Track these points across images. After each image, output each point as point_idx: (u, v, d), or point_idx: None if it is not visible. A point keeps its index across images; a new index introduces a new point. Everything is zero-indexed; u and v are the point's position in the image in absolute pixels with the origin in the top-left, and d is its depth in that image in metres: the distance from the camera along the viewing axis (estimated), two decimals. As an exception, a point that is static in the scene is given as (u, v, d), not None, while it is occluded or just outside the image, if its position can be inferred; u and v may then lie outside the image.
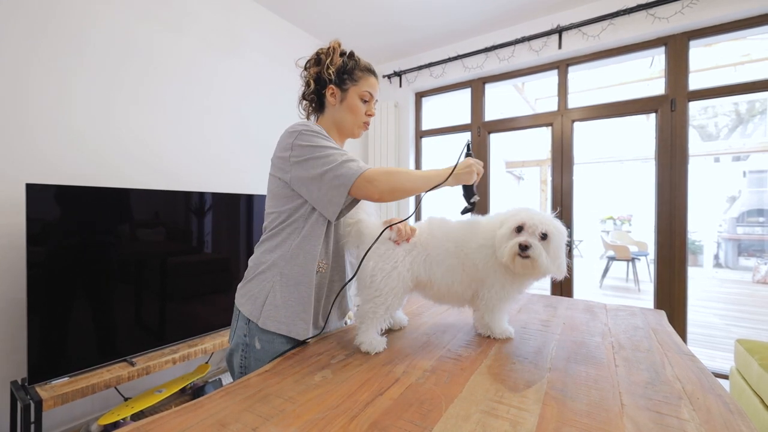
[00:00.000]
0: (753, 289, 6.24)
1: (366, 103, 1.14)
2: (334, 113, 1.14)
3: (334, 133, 1.17)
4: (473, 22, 3.09)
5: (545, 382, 0.78)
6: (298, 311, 1.01)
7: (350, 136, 1.19)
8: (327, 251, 1.06)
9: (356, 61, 1.14)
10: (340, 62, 1.12)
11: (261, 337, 1.00)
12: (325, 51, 1.13)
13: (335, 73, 1.11)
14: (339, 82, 1.12)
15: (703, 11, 2.41)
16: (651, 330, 1.14)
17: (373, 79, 1.14)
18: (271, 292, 1.01)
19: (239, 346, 1.03)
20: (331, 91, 1.12)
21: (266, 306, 1.00)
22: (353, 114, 1.13)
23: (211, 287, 2.28)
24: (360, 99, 1.12)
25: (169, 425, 0.63)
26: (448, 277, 1.03)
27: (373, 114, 1.17)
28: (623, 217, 9.77)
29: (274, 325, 0.99)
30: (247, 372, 1.02)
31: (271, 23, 2.96)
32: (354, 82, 1.11)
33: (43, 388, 1.53)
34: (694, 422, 0.63)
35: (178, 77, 2.32)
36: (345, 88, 1.12)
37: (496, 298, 1.00)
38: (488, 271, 1.00)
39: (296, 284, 1.01)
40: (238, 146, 2.68)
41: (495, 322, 1.05)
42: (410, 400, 0.71)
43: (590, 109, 2.92)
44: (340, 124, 1.15)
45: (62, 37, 1.85)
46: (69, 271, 1.67)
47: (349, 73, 1.12)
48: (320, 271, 1.05)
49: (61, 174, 1.83)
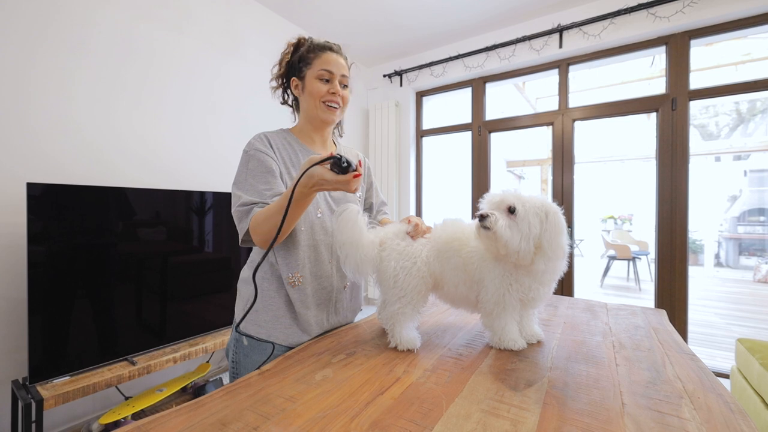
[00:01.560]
0: (754, 289, 6.24)
1: (328, 83, 1.05)
2: (303, 106, 1.11)
3: (308, 126, 1.12)
4: (474, 22, 3.08)
5: (546, 382, 0.78)
6: (278, 316, 1.03)
7: (322, 124, 1.10)
8: (298, 263, 1.02)
9: (309, 44, 1.06)
10: (293, 57, 1.08)
11: (247, 336, 1.04)
12: (282, 59, 1.11)
13: (290, 66, 1.09)
14: (296, 72, 1.08)
15: (704, 10, 2.40)
16: (652, 329, 1.14)
17: (330, 55, 1.04)
18: (252, 298, 1.01)
19: (232, 341, 1.07)
20: (294, 83, 1.09)
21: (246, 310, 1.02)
22: (313, 98, 1.05)
23: (211, 286, 2.28)
24: (318, 80, 1.04)
25: (170, 424, 0.63)
26: (454, 276, 1.00)
27: (340, 93, 1.06)
28: (624, 216, 9.76)
29: (254, 329, 1.03)
30: (237, 366, 1.05)
31: (273, 23, 2.95)
32: (308, 65, 1.05)
33: (44, 387, 1.54)
34: (695, 421, 0.63)
35: (179, 77, 2.32)
36: (302, 76, 1.07)
37: (493, 302, 0.94)
38: (483, 272, 0.96)
39: (272, 296, 1.04)
40: (239, 146, 2.68)
41: (493, 328, 0.97)
42: (411, 399, 0.71)
43: (591, 108, 2.92)
44: (308, 113, 1.09)
45: (64, 37, 1.85)
46: (70, 270, 1.67)
47: (303, 60, 1.06)
48: (296, 285, 1.03)
49: (62, 173, 1.83)
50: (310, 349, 0.98)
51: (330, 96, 1.06)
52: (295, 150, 1.08)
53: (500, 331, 0.97)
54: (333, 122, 1.12)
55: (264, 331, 1.02)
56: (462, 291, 1.00)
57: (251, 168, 0.99)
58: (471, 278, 0.98)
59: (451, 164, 5.14)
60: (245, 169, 0.99)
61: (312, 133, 1.13)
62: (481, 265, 0.96)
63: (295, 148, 1.09)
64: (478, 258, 0.96)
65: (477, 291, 0.98)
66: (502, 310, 0.95)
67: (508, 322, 0.97)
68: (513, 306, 0.94)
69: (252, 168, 0.99)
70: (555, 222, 0.88)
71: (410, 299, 0.97)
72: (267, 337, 1.02)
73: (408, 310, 0.98)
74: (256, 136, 1.05)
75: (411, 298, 0.98)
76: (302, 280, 1.03)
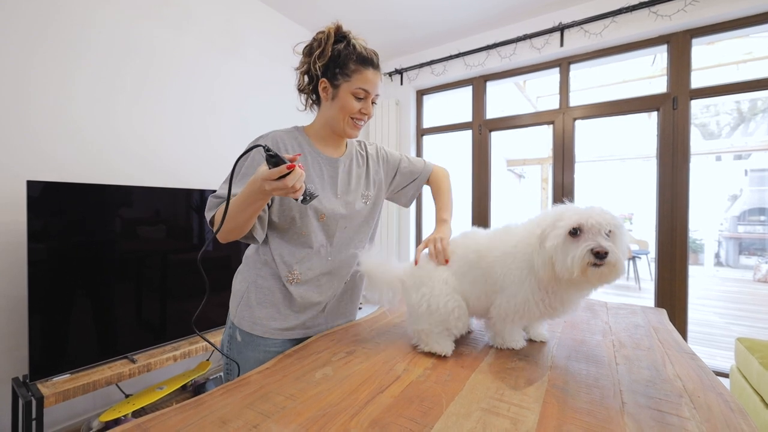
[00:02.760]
0: (754, 288, 6.24)
1: (361, 101, 1.01)
2: (326, 110, 1.05)
3: (327, 131, 1.08)
4: (475, 20, 3.08)
5: (546, 380, 0.78)
6: (273, 313, 1.03)
7: (343, 136, 1.08)
8: (296, 263, 1.03)
9: (351, 49, 0.99)
10: (333, 52, 0.99)
11: (241, 332, 1.04)
12: (318, 39, 1.01)
13: (325, 66, 1.00)
14: (331, 76, 1.00)
15: (706, 9, 2.40)
16: (652, 328, 1.14)
17: (370, 73, 1.00)
18: (246, 293, 1.05)
19: (226, 338, 1.09)
20: (323, 85, 1.02)
21: (240, 306, 1.05)
22: (343, 113, 1.02)
23: (212, 284, 2.27)
24: (353, 96, 1.00)
25: (170, 422, 0.63)
26: (475, 289, 0.95)
27: (369, 113, 1.05)
28: (624, 215, 9.75)
29: (248, 325, 1.03)
30: (230, 363, 1.06)
31: (273, 21, 2.95)
32: (346, 78, 0.99)
33: (44, 384, 1.54)
34: (694, 420, 0.63)
35: (179, 75, 2.32)
36: (336, 83, 1.00)
37: (513, 310, 0.88)
38: (508, 281, 0.89)
39: (266, 293, 1.04)
40: (239, 144, 2.67)
41: (504, 331, 0.95)
42: (411, 397, 0.71)
43: (592, 107, 2.91)
44: (331, 122, 1.05)
45: (64, 35, 1.84)
46: (70, 268, 1.67)
47: (342, 66, 0.99)
48: (293, 282, 1.03)
49: (62, 171, 1.83)
50: (309, 347, 0.98)
51: (360, 114, 1.03)
52: (305, 153, 1.05)
53: (508, 335, 0.96)
54: (355, 137, 1.10)
55: (259, 328, 1.02)
56: (483, 302, 0.96)
57: (246, 166, 0.98)
58: (492, 288, 0.93)
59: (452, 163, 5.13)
60: (243, 164, 0.97)
61: (328, 137, 1.09)
62: (507, 274, 0.89)
63: (305, 150, 1.05)
64: (501, 266, 0.90)
65: (493, 300, 0.94)
66: (520, 318, 0.90)
67: (518, 328, 0.96)
68: (534, 315, 0.88)
69: (247, 166, 0.98)
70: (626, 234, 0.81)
71: (440, 322, 0.92)
72: (262, 334, 1.02)
73: (437, 330, 0.92)
74: (267, 135, 1.03)
75: (441, 321, 0.92)
76: (300, 278, 1.04)
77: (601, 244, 0.74)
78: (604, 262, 0.74)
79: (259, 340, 1.02)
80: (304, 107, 1.11)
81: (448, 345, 0.92)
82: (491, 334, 0.99)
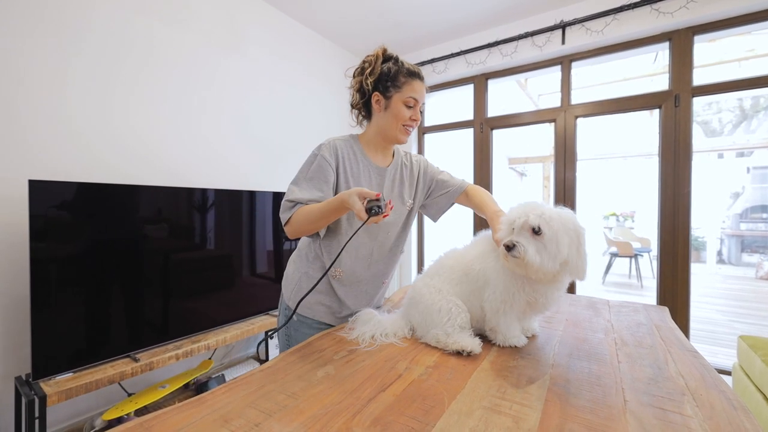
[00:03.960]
0: (756, 286, 6.22)
1: (411, 109, 1.14)
2: (379, 120, 1.18)
3: (378, 139, 1.20)
4: (476, 18, 3.07)
5: (548, 379, 0.78)
6: (320, 300, 1.18)
7: (395, 142, 1.21)
8: (340, 260, 1.14)
9: (399, 66, 1.13)
10: (383, 70, 1.13)
11: (296, 313, 1.18)
12: (369, 59, 1.16)
13: (377, 81, 1.14)
14: (383, 89, 1.14)
15: (708, 6, 2.38)
16: (654, 326, 1.14)
17: (418, 84, 1.14)
18: (300, 281, 1.19)
19: (282, 318, 1.24)
20: (376, 98, 1.15)
21: (295, 291, 1.19)
22: (396, 120, 1.14)
23: (213, 283, 2.29)
24: (404, 105, 1.13)
25: (173, 420, 0.63)
26: (464, 291, 1.02)
27: (418, 119, 1.18)
28: (626, 213, 9.73)
29: (301, 309, 1.17)
30: (291, 341, 1.19)
31: (273, 19, 2.94)
32: (397, 89, 1.12)
33: (47, 383, 1.54)
34: (697, 418, 0.63)
35: (178, 72, 2.31)
36: (389, 95, 1.13)
37: (500, 300, 0.94)
38: (490, 274, 0.97)
39: (315, 280, 1.12)
40: (239, 142, 2.68)
41: (498, 327, 0.97)
42: (413, 396, 0.71)
43: (593, 105, 2.90)
44: (385, 130, 1.17)
45: (59, 31, 1.84)
46: (72, 268, 1.67)
47: (393, 80, 1.12)
48: (336, 277, 1.17)
49: (64, 171, 1.83)
50: (312, 345, 0.98)
51: (410, 121, 1.16)
52: (358, 161, 1.17)
53: (505, 329, 0.97)
54: (405, 143, 1.24)
55: (309, 311, 1.18)
56: (475, 303, 1.01)
57: (312, 170, 1.10)
58: (476, 285, 1.00)
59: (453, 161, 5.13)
60: (307, 168, 1.11)
61: (379, 145, 1.22)
62: (485, 269, 0.98)
63: (359, 159, 1.18)
64: (479, 263, 1.00)
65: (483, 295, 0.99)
66: (509, 307, 0.94)
67: (512, 320, 0.97)
68: (519, 305, 0.94)
69: (313, 171, 1.10)
70: (584, 239, 0.89)
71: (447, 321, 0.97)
72: (312, 316, 1.18)
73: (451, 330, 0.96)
74: (329, 143, 1.14)
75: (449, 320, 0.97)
76: (342, 275, 1.17)
77: (511, 239, 0.88)
78: (513, 254, 0.86)
79: (311, 321, 1.18)
80: (355, 123, 1.26)
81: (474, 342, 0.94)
82: (492, 334, 1.00)
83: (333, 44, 3.54)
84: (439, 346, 0.95)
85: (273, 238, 2.64)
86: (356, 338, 1.00)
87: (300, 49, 3.18)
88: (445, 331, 0.95)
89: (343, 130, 3.88)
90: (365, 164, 1.18)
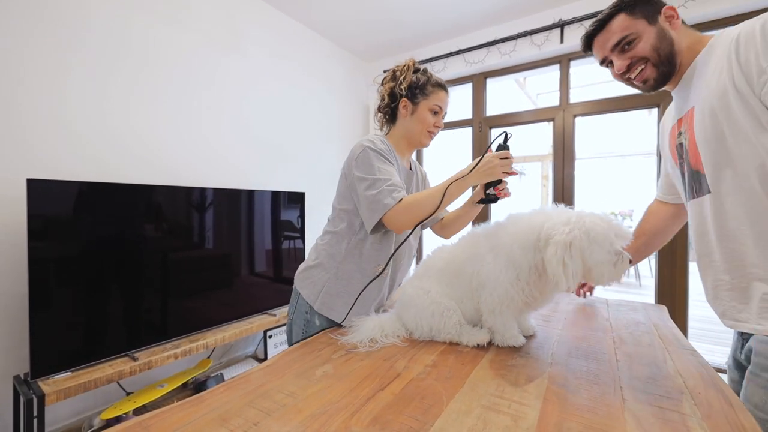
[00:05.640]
0: (754, 285, 6.22)
1: (435, 115, 1.23)
2: (405, 124, 1.25)
3: (403, 142, 1.27)
4: (475, 17, 3.06)
5: (546, 377, 0.78)
6: (350, 302, 1.16)
7: (418, 146, 1.28)
8: (385, 257, 1.16)
9: (428, 77, 1.23)
10: (413, 79, 1.22)
11: (320, 317, 1.17)
12: (400, 68, 1.24)
13: (408, 88, 1.22)
14: (411, 96, 1.22)
15: (706, 4, 2.39)
16: (652, 325, 1.14)
17: (443, 94, 1.23)
18: (328, 283, 1.17)
19: (301, 321, 1.20)
20: (403, 103, 1.23)
21: (322, 294, 1.17)
22: (422, 125, 1.22)
23: (212, 283, 2.28)
24: (430, 111, 1.22)
25: (171, 420, 0.63)
26: (456, 292, 1.03)
27: (441, 126, 1.26)
28: (624, 212, 9.73)
29: (328, 311, 1.16)
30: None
31: (272, 18, 2.94)
32: (425, 97, 1.21)
33: (45, 382, 1.54)
34: (695, 417, 0.63)
35: (177, 72, 2.31)
36: (416, 101, 1.22)
37: (498, 301, 0.94)
38: (486, 275, 0.96)
39: (348, 279, 1.16)
40: (238, 142, 2.67)
41: (496, 326, 0.97)
42: (411, 395, 0.71)
43: (592, 104, 2.90)
44: (410, 134, 1.25)
45: (58, 31, 1.83)
46: (70, 267, 1.67)
47: (421, 88, 1.21)
48: (377, 273, 1.17)
49: (60, 170, 1.83)
50: (310, 344, 0.98)
51: (434, 127, 1.25)
52: (396, 159, 1.21)
53: (502, 329, 0.97)
54: (428, 146, 1.30)
55: (336, 314, 1.15)
56: (468, 305, 1.03)
57: (381, 161, 1.11)
58: (469, 286, 1.01)
59: (452, 160, 5.13)
60: (375, 161, 1.10)
61: (403, 147, 1.28)
62: (480, 272, 0.98)
63: (395, 156, 1.22)
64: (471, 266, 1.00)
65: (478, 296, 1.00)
66: (507, 308, 0.95)
67: (509, 319, 0.97)
68: (517, 305, 0.95)
69: (381, 162, 1.11)
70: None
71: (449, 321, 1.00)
72: (338, 319, 1.16)
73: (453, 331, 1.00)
74: (376, 138, 1.18)
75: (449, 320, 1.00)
76: (378, 271, 1.17)
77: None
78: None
79: (335, 324, 1.17)
80: (379, 126, 1.33)
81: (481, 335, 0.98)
82: (490, 334, 1.00)
83: (333, 44, 3.53)
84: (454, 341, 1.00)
85: (272, 238, 2.63)
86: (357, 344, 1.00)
87: (300, 49, 3.18)
88: (448, 332, 0.99)
89: (344, 129, 3.90)
90: (397, 163, 1.21)
